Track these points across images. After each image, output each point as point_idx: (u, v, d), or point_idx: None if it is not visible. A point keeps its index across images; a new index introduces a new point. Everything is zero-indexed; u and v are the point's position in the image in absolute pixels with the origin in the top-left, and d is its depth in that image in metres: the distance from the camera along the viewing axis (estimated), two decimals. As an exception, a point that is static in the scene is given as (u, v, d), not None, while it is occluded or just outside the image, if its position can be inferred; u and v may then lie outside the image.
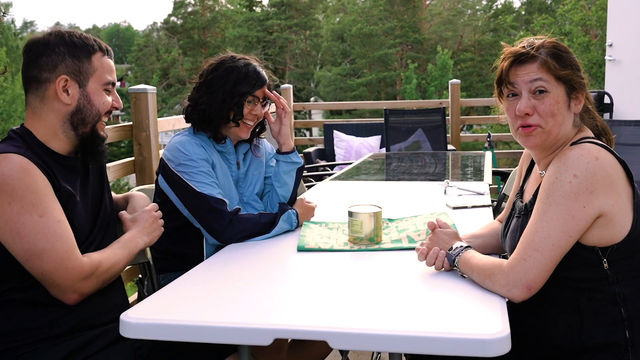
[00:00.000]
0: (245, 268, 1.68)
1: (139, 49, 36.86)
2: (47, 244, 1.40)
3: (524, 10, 33.06)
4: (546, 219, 1.36)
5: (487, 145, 6.05)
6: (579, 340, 1.41)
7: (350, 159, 6.21)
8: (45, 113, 1.52)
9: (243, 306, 1.36)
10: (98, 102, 1.56)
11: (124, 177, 15.46)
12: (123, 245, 1.61)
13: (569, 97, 1.47)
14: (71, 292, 1.45)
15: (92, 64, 1.55)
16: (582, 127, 1.51)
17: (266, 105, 2.07)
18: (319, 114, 23.59)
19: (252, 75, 2.00)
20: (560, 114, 1.46)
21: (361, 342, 1.21)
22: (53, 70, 1.51)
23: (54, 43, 1.52)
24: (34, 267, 1.41)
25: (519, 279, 1.35)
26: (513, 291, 1.35)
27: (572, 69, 1.47)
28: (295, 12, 32.12)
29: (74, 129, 1.55)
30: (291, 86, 7.30)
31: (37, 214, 1.40)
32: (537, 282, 1.35)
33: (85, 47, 1.55)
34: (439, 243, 1.59)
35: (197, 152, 1.96)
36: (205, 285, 1.52)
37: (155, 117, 3.40)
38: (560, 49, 1.48)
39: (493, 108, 1.67)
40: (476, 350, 1.14)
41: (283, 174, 2.12)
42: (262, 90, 2.03)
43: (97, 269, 1.49)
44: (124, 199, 1.82)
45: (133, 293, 2.58)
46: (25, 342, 1.45)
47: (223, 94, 1.98)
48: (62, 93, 1.51)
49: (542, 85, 1.45)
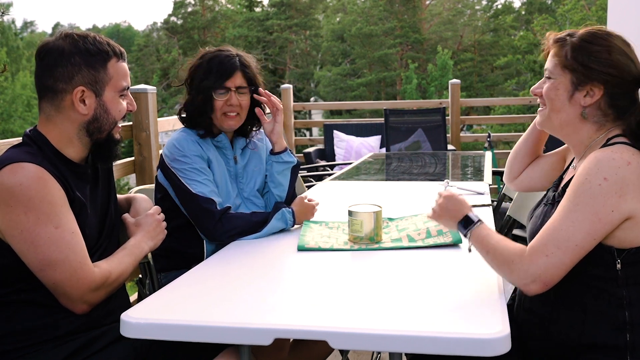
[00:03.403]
0: (245, 268, 1.68)
1: (139, 49, 36.84)
2: (61, 255, 1.40)
3: (524, 10, 33.05)
4: (572, 218, 1.34)
5: (487, 145, 6.05)
6: (579, 339, 1.41)
7: (350, 159, 6.21)
8: (61, 121, 1.52)
9: (243, 306, 1.36)
10: (114, 110, 1.56)
11: (124, 177, 15.43)
12: (129, 252, 1.61)
13: (574, 87, 1.47)
14: (81, 302, 1.46)
15: (107, 72, 1.53)
16: (606, 124, 1.48)
17: (245, 92, 2.04)
18: (319, 114, 23.58)
19: (215, 68, 2.02)
20: (558, 99, 1.49)
21: (361, 342, 1.21)
22: (69, 81, 1.49)
23: (69, 52, 1.49)
24: (47, 277, 1.41)
25: (538, 274, 1.33)
26: (530, 285, 1.34)
27: (588, 62, 1.45)
28: (295, 12, 32.11)
29: (89, 135, 1.54)
30: (291, 86, 7.30)
31: (53, 225, 1.40)
32: (555, 280, 1.34)
33: (100, 55, 1.52)
34: (448, 210, 1.56)
35: (192, 148, 1.98)
36: (205, 285, 1.52)
37: (155, 117, 3.40)
38: (585, 39, 1.47)
39: (493, 108, 1.68)
40: (476, 350, 1.14)
41: (276, 174, 2.12)
42: (232, 80, 2.02)
43: (107, 280, 1.50)
44: (125, 200, 1.81)
45: (133, 293, 2.58)
46: (27, 343, 1.44)
47: (196, 92, 2.03)
48: (79, 104, 1.50)
49: (548, 74, 1.51)
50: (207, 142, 2.04)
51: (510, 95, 25.27)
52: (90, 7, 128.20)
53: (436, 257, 1.68)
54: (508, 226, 2.75)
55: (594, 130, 1.49)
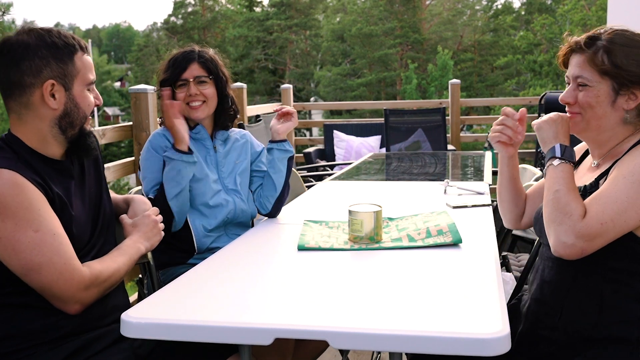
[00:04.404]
0: (245, 267, 1.68)
1: (139, 49, 36.86)
2: (44, 258, 1.38)
3: (524, 10, 33.06)
4: (628, 194, 1.33)
5: (487, 145, 6.03)
6: (592, 330, 1.41)
7: (350, 159, 6.21)
8: (32, 119, 1.48)
9: (243, 306, 1.36)
10: (84, 105, 1.53)
11: (124, 177, 15.42)
12: (124, 251, 1.60)
13: (616, 93, 1.46)
14: (72, 302, 1.44)
15: (75, 65, 1.50)
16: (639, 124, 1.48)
17: (206, 81, 2.14)
18: (319, 114, 23.58)
19: (170, 64, 2.15)
20: (600, 107, 1.48)
21: (361, 342, 1.21)
22: (38, 75, 1.45)
23: (35, 45, 1.45)
24: (33, 281, 1.40)
25: (584, 239, 1.32)
26: (571, 247, 1.33)
27: (627, 66, 1.44)
28: (295, 12, 32.10)
29: (62, 132, 1.51)
30: (291, 86, 7.31)
31: (32, 230, 1.37)
32: (593, 250, 1.34)
33: (67, 48, 1.49)
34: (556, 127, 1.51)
35: (156, 141, 2.11)
36: (205, 285, 1.52)
37: (155, 117, 3.40)
38: (617, 42, 1.46)
39: (493, 108, 1.68)
40: (476, 350, 1.14)
41: (277, 160, 2.22)
42: (189, 72, 2.12)
43: (98, 278, 1.48)
44: (124, 201, 1.80)
45: (133, 293, 2.58)
46: (24, 345, 1.43)
47: (160, 90, 2.15)
48: (49, 98, 1.47)
49: (583, 82, 1.49)
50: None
51: (510, 95, 25.25)
52: (90, 7, 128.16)
53: (436, 257, 1.68)
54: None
55: (630, 131, 1.49)
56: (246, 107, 5.82)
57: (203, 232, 2.11)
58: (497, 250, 1.75)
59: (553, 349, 1.47)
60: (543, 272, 1.55)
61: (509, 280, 2.17)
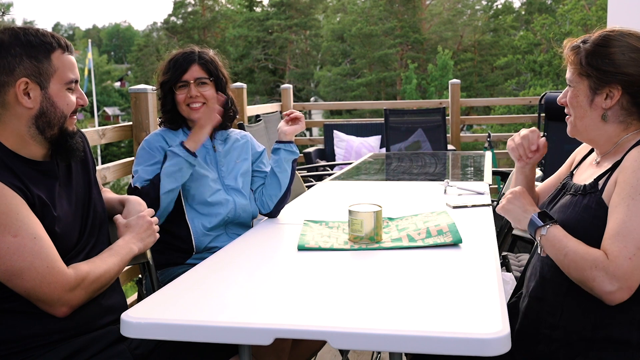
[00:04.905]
0: (245, 267, 1.68)
1: (139, 49, 36.88)
2: (25, 262, 1.36)
3: (524, 10, 33.08)
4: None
5: (487, 145, 6.05)
6: (592, 331, 1.41)
7: (350, 159, 6.21)
8: (9, 119, 1.46)
9: (243, 306, 1.36)
10: (62, 104, 1.50)
11: (124, 177, 15.46)
12: (114, 252, 1.58)
13: (593, 92, 1.49)
14: (59, 305, 1.42)
15: (52, 63, 1.47)
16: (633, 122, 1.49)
17: (207, 83, 2.16)
18: (319, 114, 23.59)
19: (170, 66, 2.17)
20: (579, 107, 1.52)
21: (361, 342, 1.21)
22: (11, 73, 1.43)
23: (9, 44, 1.43)
24: (17, 286, 1.38)
25: (625, 280, 1.30)
26: (616, 293, 1.30)
27: (601, 65, 1.46)
28: (295, 12, 32.12)
29: (40, 132, 1.48)
30: (291, 86, 7.30)
31: (11, 235, 1.35)
32: (639, 282, 1.31)
33: (43, 46, 1.46)
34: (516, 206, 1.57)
35: (153, 140, 2.14)
36: (205, 285, 1.52)
37: (155, 117, 3.40)
38: (596, 43, 1.48)
39: (493, 108, 1.70)
40: (476, 350, 1.14)
41: (284, 161, 2.23)
42: (189, 73, 2.14)
43: (85, 280, 1.45)
44: (119, 202, 1.77)
45: (133, 293, 2.58)
46: (19, 349, 1.42)
47: (161, 91, 2.20)
48: (23, 97, 1.44)
49: (569, 83, 1.55)
50: (179, 135, 2.19)
51: (510, 95, 25.26)
52: (90, 7, 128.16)
53: (436, 257, 1.68)
54: (508, 226, 2.75)
55: (621, 129, 1.50)
56: (246, 107, 5.81)
57: (202, 231, 2.12)
58: (497, 250, 1.75)
59: (553, 348, 1.48)
60: (543, 269, 1.55)
61: (509, 280, 2.17)
